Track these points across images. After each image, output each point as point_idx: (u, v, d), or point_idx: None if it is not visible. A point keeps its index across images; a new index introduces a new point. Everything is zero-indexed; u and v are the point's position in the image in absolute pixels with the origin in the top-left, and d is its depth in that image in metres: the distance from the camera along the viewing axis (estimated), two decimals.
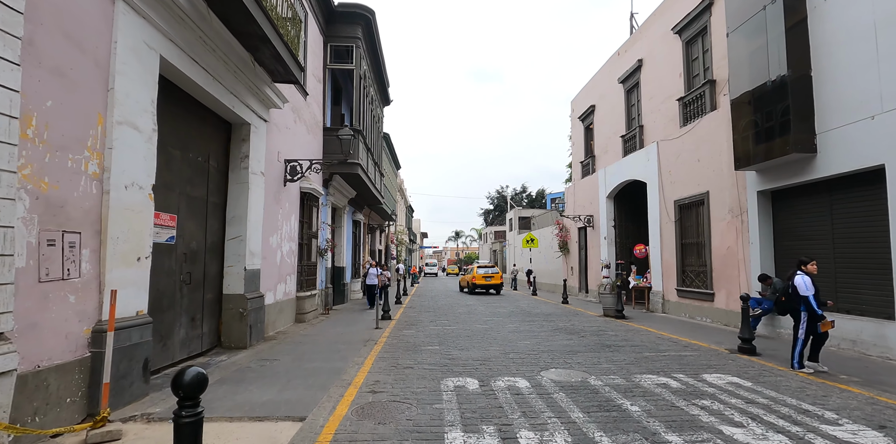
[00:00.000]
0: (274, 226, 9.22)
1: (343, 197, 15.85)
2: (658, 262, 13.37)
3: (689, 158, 11.88)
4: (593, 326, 10.37)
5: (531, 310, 14.13)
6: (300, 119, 11.02)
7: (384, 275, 14.16)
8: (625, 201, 17.07)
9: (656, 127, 13.97)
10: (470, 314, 12.85)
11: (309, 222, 11.90)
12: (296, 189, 10.68)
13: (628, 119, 16.20)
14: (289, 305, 10.20)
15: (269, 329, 8.96)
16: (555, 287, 23.82)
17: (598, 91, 18.86)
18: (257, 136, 8.16)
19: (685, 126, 12.27)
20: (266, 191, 8.73)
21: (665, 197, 13.07)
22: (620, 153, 16.35)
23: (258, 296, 8.08)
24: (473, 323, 10.87)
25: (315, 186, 11.52)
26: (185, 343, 6.47)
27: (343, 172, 13.66)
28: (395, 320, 11.32)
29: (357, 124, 13.63)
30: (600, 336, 8.81)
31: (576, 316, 12.40)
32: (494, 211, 63.78)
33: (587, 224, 18.55)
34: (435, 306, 15.37)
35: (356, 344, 7.96)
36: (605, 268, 16.71)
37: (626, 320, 11.37)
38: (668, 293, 12.92)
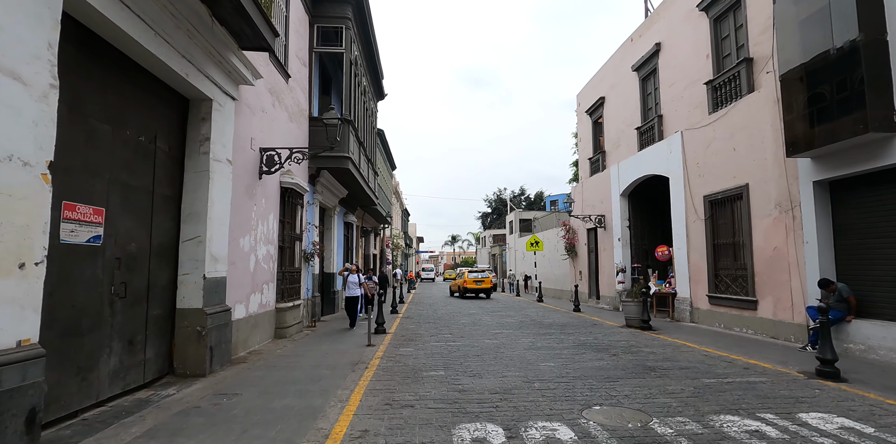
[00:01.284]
0: (246, 225, 7.76)
1: (333, 196, 14.41)
2: (684, 265, 11.98)
3: (723, 147, 10.52)
4: (620, 340, 8.94)
5: (542, 320, 12.69)
6: (280, 104, 9.60)
7: (371, 283, 12.49)
8: (640, 199, 15.71)
9: (679, 115, 12.63)
10: (475, 326, 11.39)
11: (292, 222, 10.44)
12: (275, 184, 9.24)
13: (644, 109, 14.87)
14: (266, 318, 8.72)
15: (239, 349, 7.48)
16: (561, 293, 22.41)
17: (607, 82, 17.54)
18: (222, 116, 6.73)
19: (716, 112, 10.92)
20: (235, 183, 7.29)
21: (692, 192, 11.69)
22: (636, 147, 15.00)
23: (223, 310, 6.61)
24: (481, 337, 9.42)
25: (299, 181, 10.08)
26: (117, 375, 5.00)
27: (331, 167, 12.22)
28: (390, 335, 9.85)
29: (348, 115, 12.21)
30: (636, 354, 7.38)
31: (595, 327, 10.97)
32: (492, 214, 62.41)
33: (598, 225, 17.17)
34: (435, 316, 13.90)
35: (343, 368, 6.50)
36: (620, 272, 15.36)
37: (655, 332, 9.95)
38: (697, 300, 11.52)
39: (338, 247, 15.33)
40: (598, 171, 18.07)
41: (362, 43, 14.89)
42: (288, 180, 9.66)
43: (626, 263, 15.44)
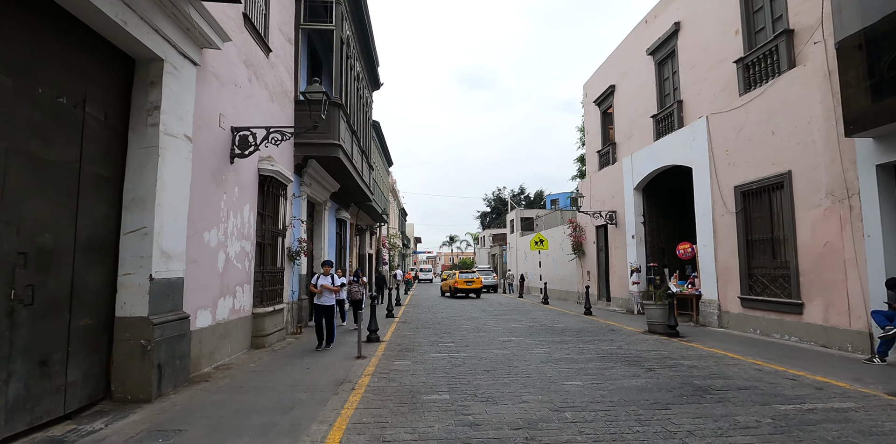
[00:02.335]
0: (212, 217, 6.56)
1: (323, 190, 13.20)
2: (710, 264, 10.82)
3: (758, 131, 9.37)
4: (648, 349, 7.77)
5: (552, 324, 11.51)
6: (259, 80, 8.40)
7: (356, 286, 11.20)
8: (656, 193, 14.56)
9: (702, 99, 11.47)
10: (480, 332, 10.20)
11: (274, 216, 9.24)
12: (251, 170, 8.04)
13: (660, 96, 13.72)
14: (239, 326, 7.51)
15: (202, 363, 6.27)
16: (567, 294, 21.25)
17: (618, 69, 16.40)
18: (178, 82, 5.53)
19: (748, 93, 9.77)
20: (198, 165, 6.09)
21: (720, 183, 10.54)
22: (651, 136, 13.85)
23: (177, 318, 5.41)
24: (488, 346, 8.23)
25: (280, 168, 8.88)
26: (20, 406, 3.79)
27: (320, 156, 11.03)
28: (384, 343, 8.66)
29: (338, 98, 11.01)
30: (675, 369, 6.20)
31: (614, 333, 9.79)
32: (491, 214, 61.23)
33: (609, 221, 16.01)
34: (434, 321, 12.71)
35: (324, 390, 5.30)
36: (635, 272, 14.21)
37: (684, 340, 8.78)
38: (726, 303, 10.35)
39: (329, 245, 14.13)
40: (608, 164, 16.91)
41: (355, 23, 13.71)
42: (268, 167, 8.46)
43: (641, 262, 14.28)
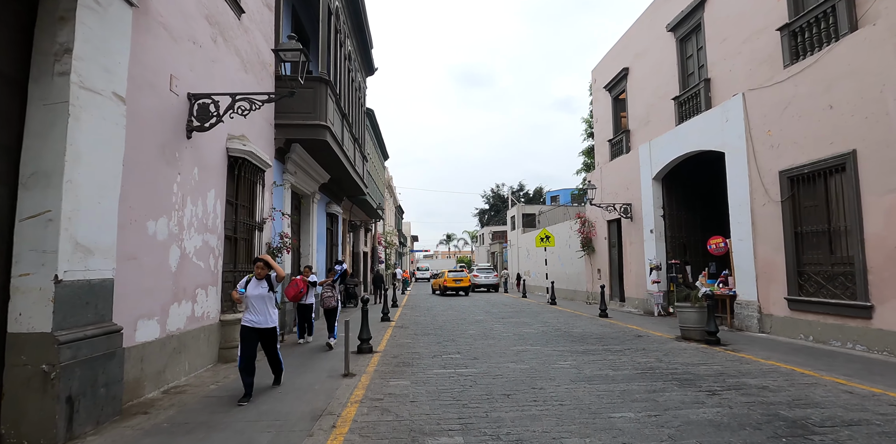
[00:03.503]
0: (160, 202, 5.23)
1: (311, 180, 11.88)
2: (748, 260, 9.55)
3: (811, 106, 8.09)
4: (695, 362, 6.48)
5: (569, 329, 10.23)
6: (227, 44, 7.07)
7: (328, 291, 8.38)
8: (676, 184, 13.29)
9: (736, 76, 10.20)
10: (488, 339, 8.91)
11: (249, 206, 7.91)
12: (217, 149, 6.70)
13: (683, 76, 12.45)
14: (201, 336, 6.19)
15: (146, 387, 4.95)
16: (574, 294, 19.99)
17: (632, 50, 15.12)
18: (102, 22, 4.19)
19: (797, 63, 8.50)
20: (137, 135, 4.77)
21: (761, 168, 9.26)
22: (673, 120, 12.58)
23: (101, 333, 4.09)
24: (501, 358, 6.94)
25: (255, 149, 7.55)
26: None
27: (304, 139, 9.71)
28: (378, 355, 7.34)
29: (326, 75, 9.68)
30: (745, 392, 4.91)
31: (643, 341, 8.52)
32: (490, 211, 59.95)
33: (623, 215, 14.73)
34: (435, 325, 11.41)
35: (295, 428, 3.99)
36: (655, 270, 12.95)
37: (728, 348, 7.51)
38: (769, 305, 9.09)
39: (318, 241, 12.81)
40: (621, 153, 15.64)
41: None
42: (238, 147, 7.12)
43: (661, 259, 13.01)
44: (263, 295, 5.10)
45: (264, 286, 5.12)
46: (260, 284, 5.13)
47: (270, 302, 5.17)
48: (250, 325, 5.04)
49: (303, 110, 9.46)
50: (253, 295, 5.08)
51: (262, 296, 5.10)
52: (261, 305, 5.10)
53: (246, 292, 5.04)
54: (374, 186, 21.78)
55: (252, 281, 5.15)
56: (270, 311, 5.17)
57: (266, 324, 5.11)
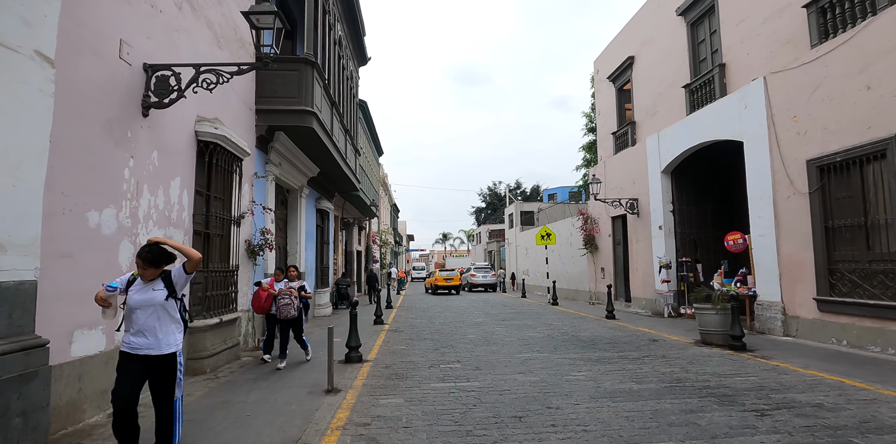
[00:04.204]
0: (106, 189, 4.41)
1: (298, 173, 11.07)
2: (770, 258, 8.82)
3: (844, 87, 7.36)
4: (727, 372, 5.73)
5: (576, 332, 9.47)
6: (196, 13, 6.25)
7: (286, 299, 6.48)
8: (686, 177, 12.57)
9: (755, 59, 9.47)
10: (489, 344, 8.14)
11: (224, 198, 7.10)
12: (183, 132, 5.88)
13: (694, 62, 11.71)
14: None
15: (86, 412, 4.14)
16: (576, 294, 19.25)
17: (638, 38, 14.38)
18: None
19: (827, 42, 7.77)
20: (73, 107, 3.97)
21: (785, 158, 8.53)
22: (684, 110, 11.84)
23: (18, 349, 3.27)
24: (506, 368, 6.16)
25: (229, 134, 6.73)
26: None
27: (289, 127, 8.90)
28: (368, 365, 6.55)
29: (312, 57, 8.86)
30: (799, 413, 4.16)
31: (658, 345, 7.77)
32: (487, 209, 59.20)
33: (629, 211, 14.00)
34: (432, 328, 10.63)
35: None
36: (664, 269, 12.21)
37: (757, 355, 6.77)
38: (794, 306, 8.36)
39: (306, 239, 12.01)
40: (626, 146, 14.91)
41: None
42: (210, 131, 6.31)
43: (670, 256, 12.28)
44: (155, 303, 3.16)
45: (158, 289, 3.19)
46: (150, 286, 3.20)
47: (167, 314, 3.20)
48: (130, 350, 3.14)
49: (286, 95, 8.66)
50: (136, 302, 3.14)
51: (154, 304, 3.15)
52: (149, 318, 3.14)
53: (126, 295, 3.18)
54: (368, 181, 20.98)
55: (136, 282, 3.22)
56: (166, 328, 3.19)
57: (157, 349, 3.14)
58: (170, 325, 3.24)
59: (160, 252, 3.22)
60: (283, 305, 6.47)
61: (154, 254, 3.19)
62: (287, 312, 6.48)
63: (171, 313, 3.25)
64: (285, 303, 6.48)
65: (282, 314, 6.47)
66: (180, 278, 3.28)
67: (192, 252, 3.26)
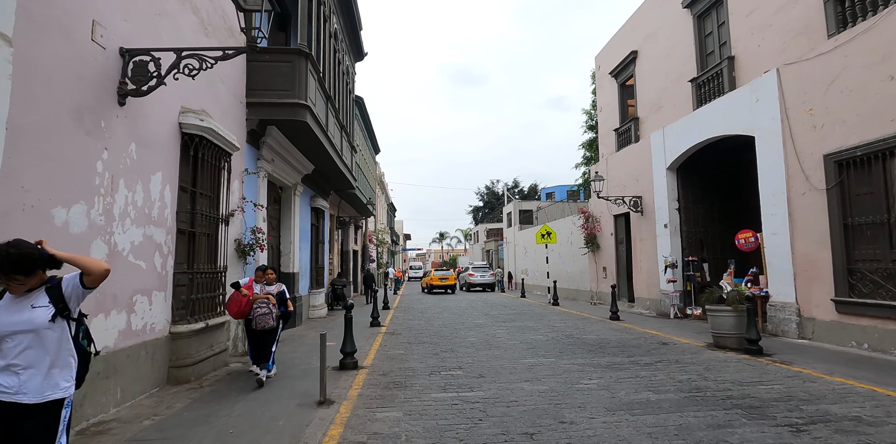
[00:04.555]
0: (76, 184, 4.01)
1: (292, 170, 10.66)
2: (784, 257, 8.48)
3: (865, 77, 7.01)
4: (749, 380, 5.37)
5: (581, 335, 9.10)
6: None
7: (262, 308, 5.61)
8: (692, 174, 12.23)
9: (767, 51, 9.12)
10: (492, 348, 7.76)
11: (212, 195, 6.69)
12: (166, 123, 5.48)
13: (701, 55, 11.36)
14: (138, 356, 4.96)
15: None
16: (577, 294, 18.91)
17: (641, 31, 14.03)
18: None
19: (845, 31, 7.42)
20: (34, 91, 3.56)
21: (800, 152, 8.18)
22: (690, 105, 11.49)
23: None
24: (511, 375, 5.79)
25: (216, 127, 6.32)
26: None
27: (281, 121, 8.50)
28: (364, 372, 6.16)
29: (306, 47, 8.45)
30: (842, 431, 3.79)
31: (669, 349, 7.41)
32: (484, 208, 58.83)
33: (633, 209, 13.65)
34: (430, 330, 10.25)
35: None
36: (670, 268, 11.87)
37: (775, 360, 6.41)
38: (810, 307, 8.02)
39: (300, 239, 11.60)
40: (629, 143, 14.56)
41: None
42: (195, 123, 5.90)
43: (676, 255, 11.94)
44: (34, 326, 2.17)
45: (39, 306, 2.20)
46: (25, 302, 2.20)
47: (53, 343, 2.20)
48: None
49: (279, 87, 8.25)
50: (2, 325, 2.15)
51: (31, 328, 2.17)
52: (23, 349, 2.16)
53: None
54: (365, 179, 20.57)
55: (5, 299, 2.22)
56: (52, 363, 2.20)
57: (32, 395, 2.15)
58: (58, 359, 2.21)
59: (23, 255, 2.13)
60: (259, 315, 5.57)
61: (13, 257, 2.11)
62: (264, 322, 5.60)
63: (62, 342, 2.23)
64: (262, 313, 5.58)
65: (258, 325, 5.59)
66: (75, 291, 2.27)
67: (92, 264, 2.27)
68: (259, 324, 5.62)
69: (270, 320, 5.64)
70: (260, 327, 5.63)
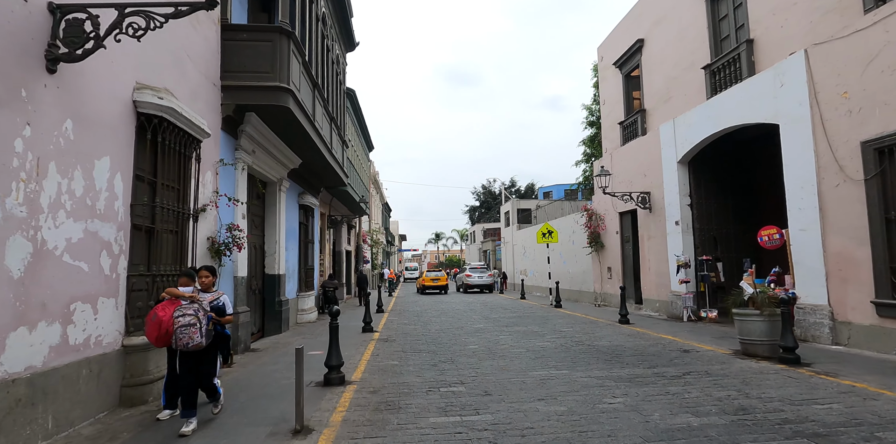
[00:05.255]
0: None
1: (276, 163, 9.86)
2: (814, 255, 7.74)
3: None
4: (800, 397, 4.61)
5: (591, 341, 8.34)
6: None
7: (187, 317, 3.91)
8: (704, 168, 11.51)
9: (791, 31, 8.40)
10: (496, 357, 6.99)
11: (178, 187, 5.89)
12: (115, 100, 4.66)
13: (715, 41, 10.64)
14: (77, 376, 4.13)
15: None
16: (579, 295, 18.16)
17: (648, 18, 13.31)
18: None
19: (885, 5, 6.70)
20: None
21: (832, 140, 7.45)
22: (704, 93, 10.76)
23: None
24: (522, 392, 5.01)
25: (179, 107, 5.51)
26: None
27: (261, 106, 7.70)
28: (352, 388, 5.36)
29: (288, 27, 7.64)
30: None
31: (694, 358, 6.65)
32: (481, 208, 58.07)
33: (640, 205, 12.91)
34: (427, 336, 9.46)
35: None
36: (683, 268, 11.14)
37: (817, 371, 5.67)
38: (845, 310, 7.28)
39: (287, 238, 10.78)
40: (635, 136, 13.83)
41: None
42: (153, 101, 5.08)
43: (688, 254, 11.20)
44: None
45: None
46: None
47: None
48: None
49: (257, 69, 7.45)
50: None
51: None
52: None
53: None
54: (357, 176, 19.75)
55: None
56: None
57: None
58: None
59: None
60: (181, 326, 3.84)
61: None
62: (187, 337, 3.82)
63: None
64: (185, 323, 3.84)
65: (180, 341, 3.84)
66: None
67: None
68: (181, 340, 3.83)
69: (197, 336, 3.86)
70: (182, 344, 3.84)
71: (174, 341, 3.91)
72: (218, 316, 4.19)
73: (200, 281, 4.35)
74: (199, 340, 3.89)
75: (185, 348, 3.89)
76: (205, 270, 4.42)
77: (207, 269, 4.45)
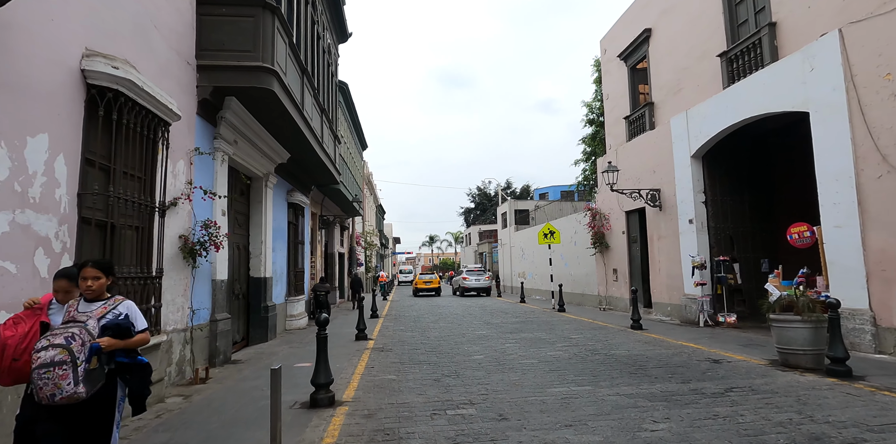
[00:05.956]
0: None
1: (262, 156, 9.06)
2: (853, 254, 7.05)
3: None
4: (877, 421, 3.89)
5: (607, 350, 7.60)
6: None
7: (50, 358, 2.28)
8: (718, 163, 10.85)
9: (820, 11, 7.75)
10: (504, 369, 6.22)
11: (144, 177, 5.09)
12: (58, 65, 3.86)
13: (732, 26, 10.00)
14: (4, 398, 3.34)
15: None
16: (582, 298, 17.43)
17: (656, 7, 12.67)
18: None
19: None
20: None
21: (872, 127, 6.77)
22: (720, 82, 10.10)
23: None
24: (543, 414, 4.26)
25: (136, 77, 4.71)
26: None
27: (242, 89, 6.90)
28: (344, 409, 4.57)
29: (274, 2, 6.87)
30: None
31: (727, 371, 5.93)
32: (476, 209, 57.36)
33: (650, 203, 12.23)
34: (427, 345, 8.67)
35: None
36: (698, 270, 10.45)
37: (878, 387, 4.96)
38: (891, 316, 6.59)
39: (274, 237, 9.97)
40: (643, 131, 13.17)
41: None
42: (105, 71, 4.28)
43: (704, 255, 10.51)
44: None
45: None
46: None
47: None
48: None
49: (238, 48, 6.68)
50: None
51: None
52: None
53: None
54: (351, 175, 18.96)
55: None
56: None
57: None
58: None
59: None
60: (41, 365, 2.31)
61: None
62: (52, 386, 2.30)
63: None
64: (47, 361, 2.31)
65: (41, 391, 2.30)
66: None
67: None
68: (42, 390, 2.31)
69: (66, 382, 2.31)
70: (44, 395, 2.31)
71: (33, 388, 2.34)
72: (118, 338, 2.52)
73: (84, 286, 2.63)
74: (70, 390, 2.30)
75: (51, 401, 2.31)
76: (92, 267, 2.66)
77: (97, 265, 2.68)
